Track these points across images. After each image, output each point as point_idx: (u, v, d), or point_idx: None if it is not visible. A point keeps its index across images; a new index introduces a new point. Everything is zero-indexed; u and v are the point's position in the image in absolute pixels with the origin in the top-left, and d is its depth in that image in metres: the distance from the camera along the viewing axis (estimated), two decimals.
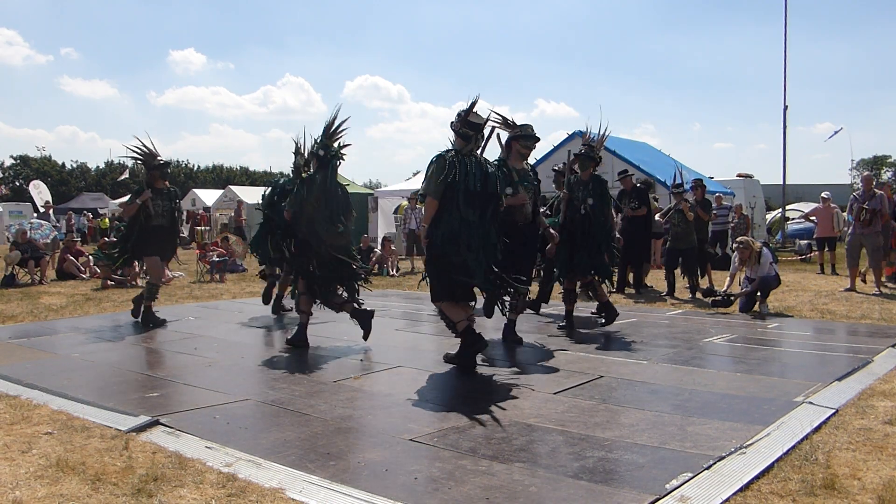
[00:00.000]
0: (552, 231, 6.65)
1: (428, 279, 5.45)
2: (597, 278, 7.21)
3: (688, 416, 4.07)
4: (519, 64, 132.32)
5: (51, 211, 22.20)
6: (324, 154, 6.10)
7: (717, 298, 8.72)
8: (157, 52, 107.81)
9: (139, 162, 8.07)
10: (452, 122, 5.41)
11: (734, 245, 9.03)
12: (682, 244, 10.18)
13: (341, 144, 6.24)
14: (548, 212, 7.75)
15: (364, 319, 6.17)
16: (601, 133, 7.31)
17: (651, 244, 11.93)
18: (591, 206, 6.93)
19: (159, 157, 7.90)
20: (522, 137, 6.09)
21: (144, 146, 7.78)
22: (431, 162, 5.31)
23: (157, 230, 7.71)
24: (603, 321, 7.31)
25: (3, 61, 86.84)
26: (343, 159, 6.27)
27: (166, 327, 7.46)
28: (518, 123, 6.13)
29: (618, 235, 9.74)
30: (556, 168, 8.02)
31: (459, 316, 5.28)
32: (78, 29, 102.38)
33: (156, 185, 7.76)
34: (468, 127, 5.32)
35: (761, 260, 8.31)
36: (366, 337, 6.15)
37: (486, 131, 5.64)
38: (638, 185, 11.44)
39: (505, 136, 6.18)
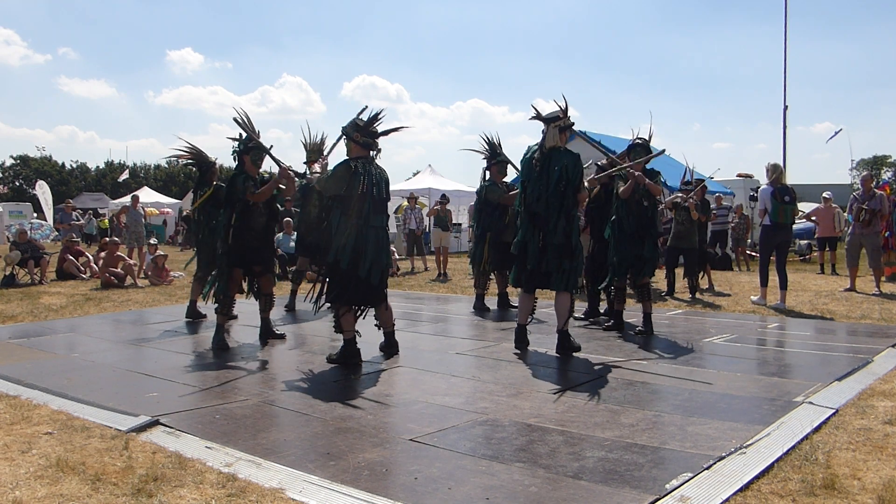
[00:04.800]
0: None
1: (327, 282, 5.58)
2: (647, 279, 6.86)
3: (688, 416, 4.07)
4: (518, 64, 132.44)
5: (71, 212, 21.94)
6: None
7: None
8: (154, 51, 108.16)
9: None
10: (349, 132, 5.58)
11: None
12: (683, 243, 10.17)
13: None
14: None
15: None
16: (650, 132, 7.04)
17: None
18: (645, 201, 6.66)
19: (256, 140, 6.30)
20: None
21: (244, 120, 6.23)
22: (336, 166, 5.56)
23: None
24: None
25: (1, 61, 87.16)
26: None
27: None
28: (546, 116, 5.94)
29: None
30: (599, 163, 7.84)
31: (350, 327, 5.58)
32: (75, 28, 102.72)
33: (249, 174, 6.25)
34: (369, 136, 5.58)
35: None
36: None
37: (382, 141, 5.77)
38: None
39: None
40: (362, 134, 5.56)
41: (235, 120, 6.21)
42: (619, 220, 6.71)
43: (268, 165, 6.61)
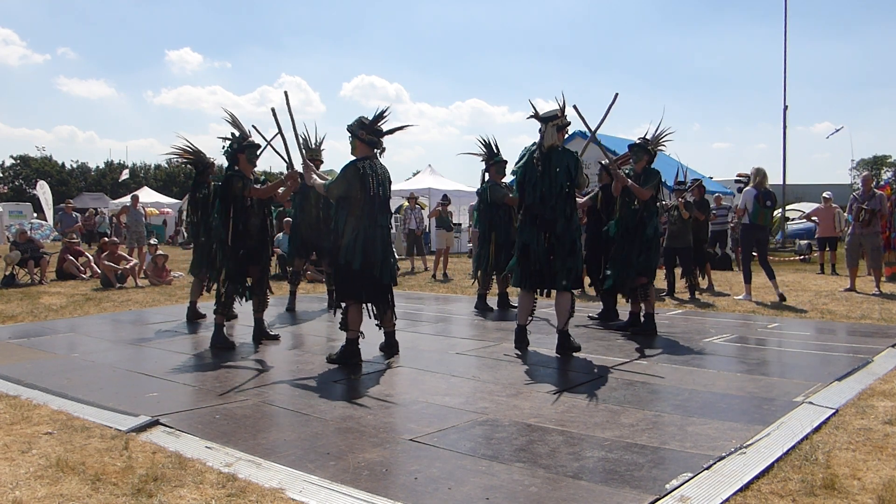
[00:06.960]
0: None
1: (337, 281, 5.55)
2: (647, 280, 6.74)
3: (688, 416, 4.07)
4: (518, 64, 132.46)
5: (72, 213, 21.92)
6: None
7: None
8: (153, 51, 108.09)
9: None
10: (355, 130, 5.51)
11: None
12: (677, 243, 10.18)
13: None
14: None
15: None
16: (658, 130, 6.90)
17: None
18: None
19: (250, 138, 6.40)
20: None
21: (235, 120, 6.36)
22: (344, 168, 5.50)
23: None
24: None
25: (0, 61, 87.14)
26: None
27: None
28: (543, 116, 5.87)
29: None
30: (602, 162, 7.86)
31: (356, 325, 5.55)
32: (75, 28, 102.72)
33: (244, 173, 6.25)
34: (375, 134, 5.54)
35: None
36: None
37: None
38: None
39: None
40: (368, 132, 5.52)
41: (227, 120, 6.28)
42: (616, 223, 6.75)
43: (261, 164, 6.64)
